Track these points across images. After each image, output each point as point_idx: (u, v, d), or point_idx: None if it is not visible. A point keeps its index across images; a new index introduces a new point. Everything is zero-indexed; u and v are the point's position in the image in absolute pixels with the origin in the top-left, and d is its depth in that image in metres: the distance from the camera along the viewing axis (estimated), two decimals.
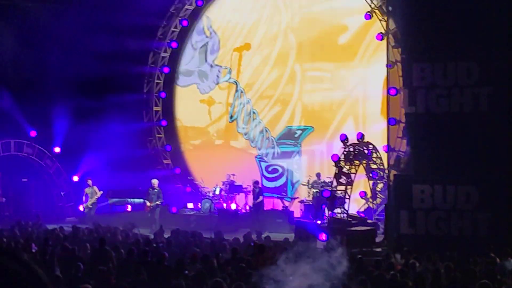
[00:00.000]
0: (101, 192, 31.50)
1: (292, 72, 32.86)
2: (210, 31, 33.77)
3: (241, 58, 33.20)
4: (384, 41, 27.27)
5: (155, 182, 30.85)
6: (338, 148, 27.74)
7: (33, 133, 31.47)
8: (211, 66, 34.25)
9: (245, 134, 33.61)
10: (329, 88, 32.70)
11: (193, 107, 34.87)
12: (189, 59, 34.12)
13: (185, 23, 33.54)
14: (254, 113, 33.54)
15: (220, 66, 34.04)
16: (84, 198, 31.38)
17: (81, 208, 31.47)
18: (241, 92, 33.73)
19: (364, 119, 30.38)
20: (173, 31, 33.51)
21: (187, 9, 33.13)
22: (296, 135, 32.49)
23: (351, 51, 31.22)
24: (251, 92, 33.63)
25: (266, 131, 33.10)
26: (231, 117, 34.23)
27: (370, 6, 29.25)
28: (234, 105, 34.13)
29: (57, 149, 31.73)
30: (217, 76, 34.24)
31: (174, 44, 33.74)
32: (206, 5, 33.18)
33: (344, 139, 27.55)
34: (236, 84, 33.75)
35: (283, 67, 32.99)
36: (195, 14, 33.56)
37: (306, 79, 33.24)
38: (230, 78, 33.95)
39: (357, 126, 29.40)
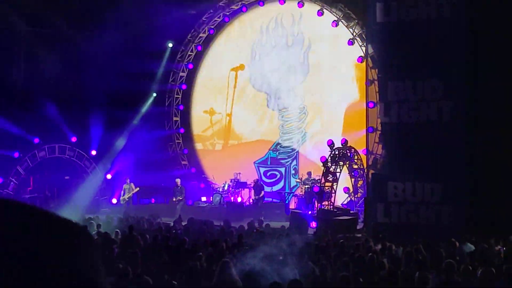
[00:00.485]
0: (138, 188, 31.58)
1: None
2: (224, 55, 33.78)
3: (236, 76, 33.17)
4: (364, 63, 27.30)
5: (178, 181, 31.00)
6: (326, 152, 27.78)
7: (73, 139, 31.46)
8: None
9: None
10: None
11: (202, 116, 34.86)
12: (205, 79, 34.11)
13: (199, 48, 33.52)
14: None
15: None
16: (122, 192, 31.44)
17: (114, 200, 31.45)
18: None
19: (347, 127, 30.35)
20: (190, 55, 33.47)
21: (201, 36, 33.09)
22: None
23: (337, 72, 31.18)
24: None
25: None
26: None
27: (352, 34, 29.31)
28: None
29: (93, 152, 31.72)
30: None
31: (190, 66, 33.67)
32: (216, 33, 33.13)
33: (330, 144, 27.65)
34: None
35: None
36: (208, 41, 33.56)
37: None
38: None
39: (341, 133, 29.34)
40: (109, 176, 31.88)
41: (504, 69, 23.65)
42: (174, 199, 30.91)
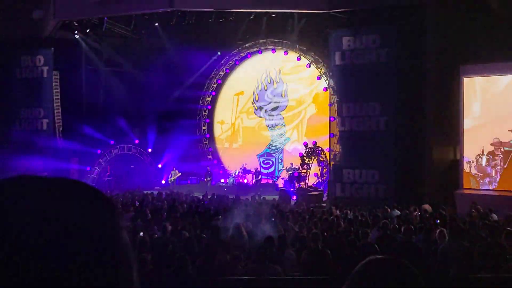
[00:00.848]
0: (180, 173, 31.61)
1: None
2: (234, 86, 33.73)
3: (238, 100, 33.19)
4: (327, 91, 27.32)
5: (208, 168, 31.33)
6: (303, 149, 27.78)
7: (136, 141, 31.49)
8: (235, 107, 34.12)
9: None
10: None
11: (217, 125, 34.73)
12: (223, 102, 34.06)
13: (219, 81, 33.45)
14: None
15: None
16: (170, 176, 31.50)
17: (163, 181, 31.51)
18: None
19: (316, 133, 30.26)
20: (213, 85, 33.42)
21: (220, 73, 33.05)
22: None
23: (310, 100, 31.18)
24: None
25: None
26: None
27: (319, 72, 29.28)
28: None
29: (150, 150, 31.74)
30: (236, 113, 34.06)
31: (213, 93, 33.61)
32: (230, 71, 33.12)
33: (305, 144, 27.67)
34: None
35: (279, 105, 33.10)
36: (225, 76, 33.52)
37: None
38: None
39: (313, 138, 29.24)
40: (160, 166, 31.93)
41: (417, 95, 23.72)
42: (205, 180, 31.06)
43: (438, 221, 14.90)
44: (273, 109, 32.58)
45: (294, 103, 32.08)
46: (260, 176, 30.99)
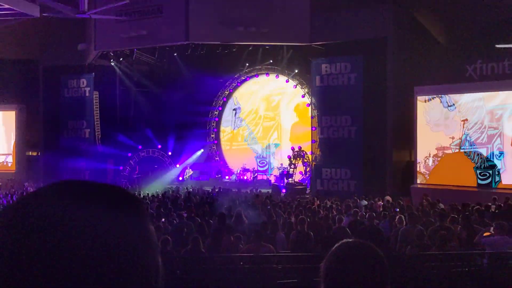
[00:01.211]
0: (192, 172, 31.63)
1: (278, 123, 32.78)
2: (236, 102, 33.61)
3: (235, 113, 33.12)
4: (310, 107, 27.30)
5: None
6: (290, 153, 27.75)
7: (159, 146, 31.46)
8: (235, 118, 33.95)
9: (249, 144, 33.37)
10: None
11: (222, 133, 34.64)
12: (227, 115, 33.95)
13: (224, 99, 33.39)
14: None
15: (240, 118, 33.77)
16: (185, 173, 31.51)
17: (180, 178, 31.43)
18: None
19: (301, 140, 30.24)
20: (219, 102, 33.38)
21: (225, 93, 33.04)
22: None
23: (296, 113, 31.13)
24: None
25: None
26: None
27: (303, 92, 29.26)
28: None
29: (169, 153, 31.69)
30: (237, 122, 33.93)
31: (220, 108, 33.56)
32: (233, 91, 33.09)
33: (292, 149, 27.65)
34: (247, 126, 33.52)
35: (272, 117, 32.86)
36: (229, 96, 33.47)
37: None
38: (242, 123, 33.66)
39: (299, 143, 29.23)
40: (177, 166, 31.86)
41: (379, 110, 23.70)
42: (216, 176, 31.05)
43: (398, 210, 14.93)
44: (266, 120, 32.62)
45: (278, 115, 32.10)
46: (256, 174, 30.97)
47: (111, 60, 29.14)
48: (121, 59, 29.27)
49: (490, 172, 21.23)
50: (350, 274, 1.55)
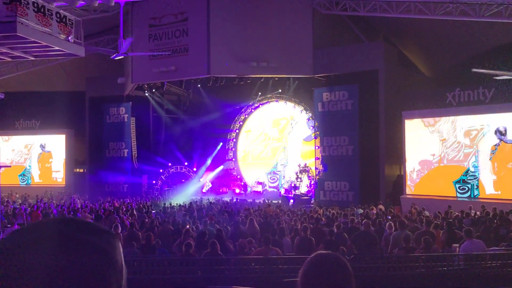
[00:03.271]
0: (211, 185, 31.59)
1: (285, 143, 32.48)
2: (250, 126, 33.43)
3: (248, 136, 32.95)
4: (314, 129, 27.19)
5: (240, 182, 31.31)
6: (297, 168, 27.61)
7: (185, 163, 31.46)
8: (250, 140, 33.69)
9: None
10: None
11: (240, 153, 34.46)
12: (242, 137, 33.69)
13: (241, 122, 33.24)
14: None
15: (253, 139, 33.51)
16: (206, 186, 31.46)
17: (203, 190, 31.33)
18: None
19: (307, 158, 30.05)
20: (236, 125, 33.32)
21: (241, 117, 32.99)
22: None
23: (302, 134, 30.93)
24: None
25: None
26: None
27: (308, 116, 29.14)
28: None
29: (194, 169, 31.68)
30: (251, 143, 33.68)
31: (237, 131, 33.42)
32: (248, 116, 33.03)
33: (299, 165, 27.60)
34: (259, 146, 33.32)
35: (279, 138, 32.61)
36: (244, 120, 33.39)
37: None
38: (255, 144, 33.44)
39: (304, 160, 29.07)
40: (202, 179, 31.80)
41: (373, 131, 23.60)
42: (235, 190, 30.88)
43: (389, 217, 14.78)
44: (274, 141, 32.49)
45: (292, 137, 31.91)
46: (266, 186, 30.74)
47: (146, 91, 29.35)
48: (153, 90, 29.48)
49: (469, 186, 21.00)
50: (320, 277, 1.66)
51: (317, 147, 26.13)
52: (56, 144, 32.11)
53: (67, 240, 0.89)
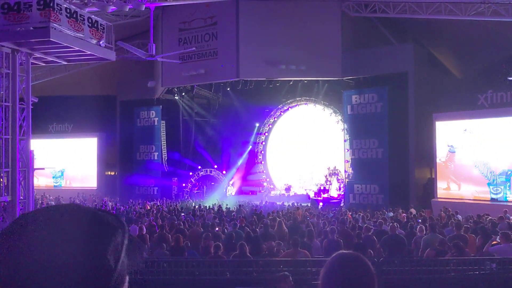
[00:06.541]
0: (241, 187, 31.72)
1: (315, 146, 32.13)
2: (280, 129, 33.30)
3: (276, 139, 32.87)
4: (343, 132, 26.96)
5: (265, 184, 31.60)
6: (326, 172, 27.48)
7: (215, 166, 31.59)
8: (279, 142, 33.50)
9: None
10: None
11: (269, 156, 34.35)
12: (272, 140, 33.43)
13: (270, 126, 33.18)
14: None
15: (283, 142, 33.30)
16: (234, 188, 31.59)
17: (232, 193, 31.33)
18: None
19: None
20: (266, 128, 33.28)
21: (270, 120, 32.96)
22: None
23: (331, 137, 30.63)
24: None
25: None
26: None
27: (338, 119, 28.93)
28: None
29: (224, 172, 31.79)
30: (281, 146, 33.51)
31: (266, 134, 33.35)
32: (277, 120, 33.01)
33: (328, 168, 27.48)
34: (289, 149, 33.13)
35: (309, 141, 32.33)
36: (274, 123, 33.37)
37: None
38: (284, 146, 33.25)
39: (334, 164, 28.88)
40: (230, 182, 31.88)
41: (403, 133, 23.29)
42: (263, 192, 30.74)
43: (420, 220, 14.56)
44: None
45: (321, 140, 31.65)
46: (293, 191, 30.16)
47: (175, 95, 29.65)
48: (183, 93, 29.75)
49: (502, 187, 20.55)
50: (341, 277, 1.64)
51: (346, 150, 25.95)
52: (87, 147, 32.71)
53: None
